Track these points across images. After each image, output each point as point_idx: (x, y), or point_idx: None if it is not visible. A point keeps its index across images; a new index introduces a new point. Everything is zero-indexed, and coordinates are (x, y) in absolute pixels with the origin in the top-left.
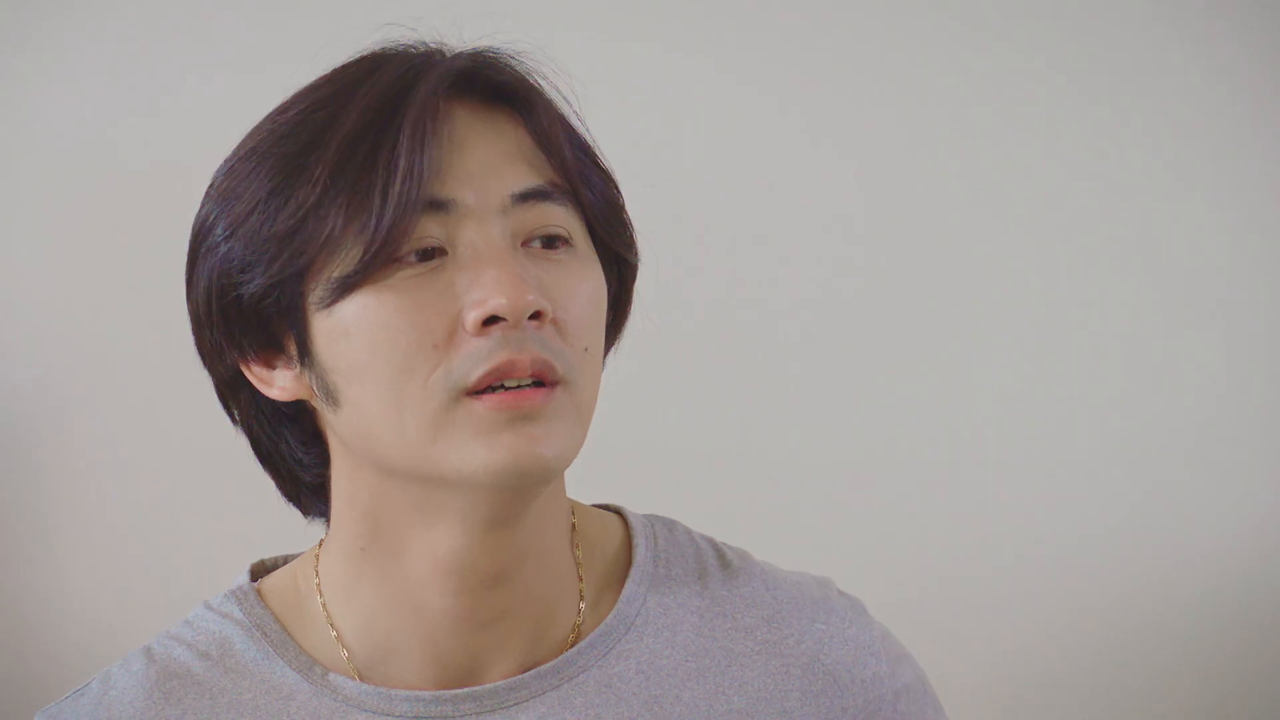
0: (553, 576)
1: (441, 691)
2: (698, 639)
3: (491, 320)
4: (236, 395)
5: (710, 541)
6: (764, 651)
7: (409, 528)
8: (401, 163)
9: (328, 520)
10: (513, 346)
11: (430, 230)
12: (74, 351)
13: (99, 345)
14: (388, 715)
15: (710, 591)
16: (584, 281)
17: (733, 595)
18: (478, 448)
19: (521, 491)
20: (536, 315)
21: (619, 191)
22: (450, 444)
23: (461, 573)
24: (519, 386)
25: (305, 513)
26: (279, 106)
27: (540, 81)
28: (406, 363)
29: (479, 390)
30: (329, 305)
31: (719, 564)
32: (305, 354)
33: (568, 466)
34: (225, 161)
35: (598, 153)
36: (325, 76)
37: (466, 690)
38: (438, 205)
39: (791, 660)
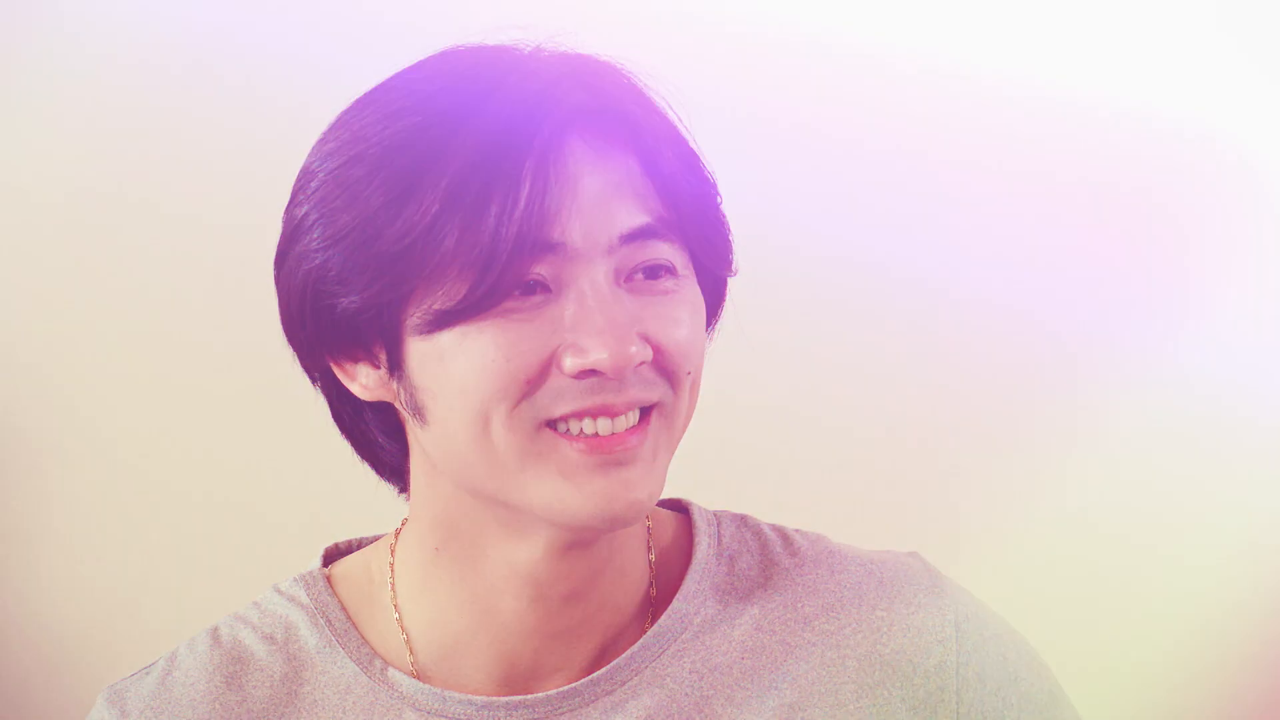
0: (627, 586)
1: (495, 698)
2: (756, 634)
3: (591, 370)
4: (321, 374)
5: (780, 531)
6: (821, 642)
7: (488, 538)
8: (521, 205)
9: (401, 490)
10: (610, 393)
11: (538, 270)
12: (63, 355)
13: (86, 347)
14: (440, 716)
15: (774, 583)
16: (685, 307)
17: (796, 584)
18: (568, 490)
19: (612, 530)
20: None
21: (719, 201)
22: (539, 476)
23: (538, 585)
24: (613, 433)
25: (382, 477)
26: (386, 104)
27: (647, 92)
28: (498, 393)
29: (561, 420)
30: (427, 333)
31: (786, 553)
32: (396, 367)
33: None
34: (325, 154)
35: (703, 163)
36: (439, 73)
37: (519, 698)
38: (548, 247)
39: (848, 651)
